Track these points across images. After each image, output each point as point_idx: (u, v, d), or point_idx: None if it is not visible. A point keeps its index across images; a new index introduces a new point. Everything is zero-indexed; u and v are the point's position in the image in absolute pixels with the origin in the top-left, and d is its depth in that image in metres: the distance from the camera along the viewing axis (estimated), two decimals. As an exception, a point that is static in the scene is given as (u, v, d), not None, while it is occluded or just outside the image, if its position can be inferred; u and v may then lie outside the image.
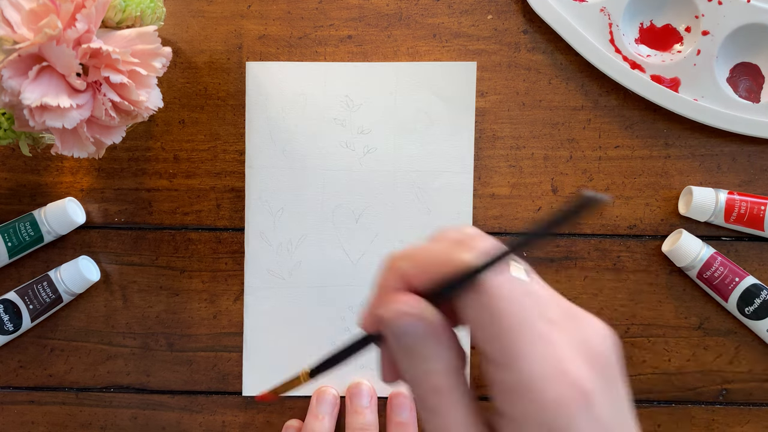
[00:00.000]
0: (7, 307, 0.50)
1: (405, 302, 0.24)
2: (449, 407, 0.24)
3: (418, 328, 0.24)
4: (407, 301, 0.25)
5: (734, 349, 0.50)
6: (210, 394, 0.52)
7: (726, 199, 0.48)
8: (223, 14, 0.51)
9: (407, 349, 0.25)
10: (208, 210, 0.51)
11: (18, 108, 0.37)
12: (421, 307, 0.24)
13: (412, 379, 0.25)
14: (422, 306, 0.24)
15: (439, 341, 0.25)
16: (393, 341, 0.25)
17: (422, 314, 0.24)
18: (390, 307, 0.25)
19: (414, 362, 0.25)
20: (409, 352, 0.25)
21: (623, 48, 0.49)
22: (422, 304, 0.24)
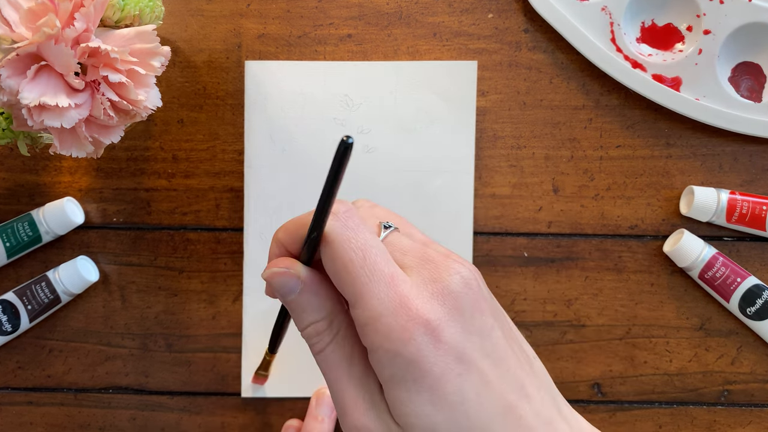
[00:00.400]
0: (6, 308, 0.49)
1: (277, 263, 0.28)
2: (331, 347, 0.28)
3: (290, 283, 0.28)
4: (279, 262, 0.28)
5: (736, 350, 0.50)
6: (209, 395, 0.51)
7: (728, 199, 0.48)
8: (222, 13, 0.51)
9: (289, 305, 0.29)
10: (207, 210, 0.51)
11: (16, 107, 0.37)
12: (290, 265, 0.28)
13: (299, 327, 0.29)
14: (291, 264, 0.28)
15: (313, 293, 0.28)
16: (279, 297, 0.29)
17: (291, 272, 0.28)
18: (267, 270, 0.29)
19: (296, 314, 0.29)
20: (291, 306, 0.29)
21: (624, 47, 0.49)
22: (292, 263, 0.28)
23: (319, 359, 0.28)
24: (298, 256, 0.29)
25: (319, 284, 0.28)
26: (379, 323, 0.25)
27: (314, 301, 0.28)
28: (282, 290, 0.28)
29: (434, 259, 0.28)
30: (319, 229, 0.27)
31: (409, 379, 0.25)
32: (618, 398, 0.51)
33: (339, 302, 0.29)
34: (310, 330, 0.28)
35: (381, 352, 0.26)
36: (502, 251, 0.51)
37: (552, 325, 0.51)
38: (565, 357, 0.51)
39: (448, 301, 0.26)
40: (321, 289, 0.28)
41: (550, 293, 0.51)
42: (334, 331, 0.28)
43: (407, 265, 0.28)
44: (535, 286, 0.51)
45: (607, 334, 0.50)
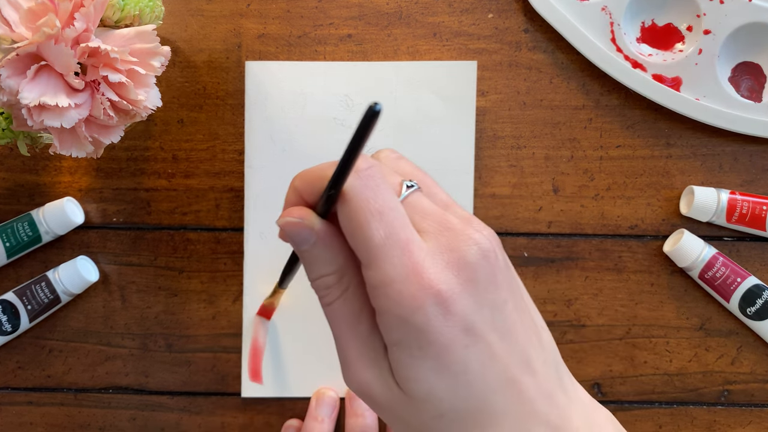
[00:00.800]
0: (6, 308, 0.49)
1: (292, 212, 0.28)
2: (339, 302, 0.28)
3: (304, 234, 0.28)
4: (294, 211, 0.28)
5: (736, 350, 0.50)
6: (209, 395, 0.51)
7: (728, 199, 0.48)
8: (222, 13, 0.51)
9: (301, 254, 0.28)
10: (207, 210, 0.51)
11: (16, 107, 0.37)
12: (305, 215, 0.28)
13: (310, 278, 0.29)
14: (306, 215, 0.28)
15: (326, 246, 0.28)
16: (293, 246, 0.29)
17: (306, 222, 0.28)
18: (281, 218, 0.28)
19: (307, 264, 0.28)
20: (303, 255, 0.28)
21: (624, 47, 0.49)
22: (307, 214, 0.28)
23: (327, 312, 0.28)
24: (313, 206, 0.28)
25: (333, 237, 0.28)
26: (390, 288, 0.25)
27: (326, 254, 0.28)
28: (295, 240, 0.28)
29: (454, 226, 0.27)
30: (337, 187, 0.26)
31: (415, 346, 0.25)
32: (618, 398, 0.51)
33: (351, 258, 0.28)
34: (320, 282, 0.28)
35: (389, 316, 0.26)
36: (502, 251, 0.51)
37: (552, 325, 0.51)
38: (565, 357, 0.51)
39: (463, 272, 0.26)
40: (334, 242, 0.28)
41: (550, 293, 0.51)
42: (344, 286, 0.28)
43: (425, 230, 0.27)
44: (535, 286, 0.51)
45: (607, 334, 0.50)
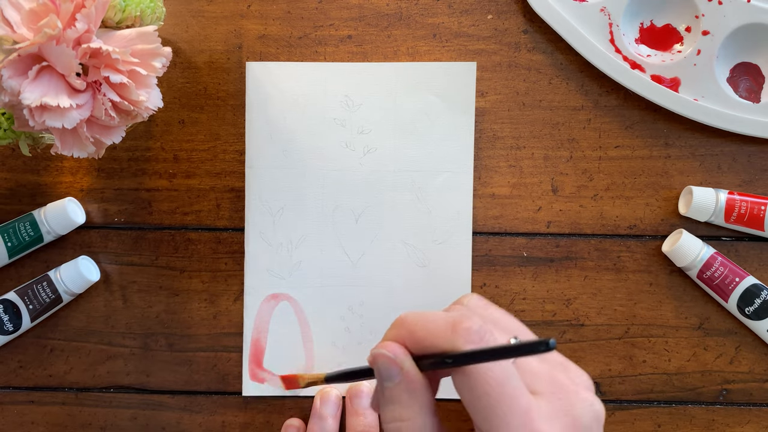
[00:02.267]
0: (7, 307, 0.49)
1: (389, 348, 0.28)
2: None
3: (394, 372, 0.28)
4: (392, 348, 0.29)
5: (734, 349, 0.50)
6: (210, 395, 0.51)
7: (726, 199, 0.48)
8: (223, 14, 0.51)
9: (384, 390, 0.29)
10: (207, 210, 0.51)
11: (18, 108, 0.37)
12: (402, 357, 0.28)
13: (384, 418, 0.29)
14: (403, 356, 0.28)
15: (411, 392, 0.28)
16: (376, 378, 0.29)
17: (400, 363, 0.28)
18: (379, 348, 0.29)
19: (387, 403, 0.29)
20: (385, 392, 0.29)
21: (623, 48, 0.49)
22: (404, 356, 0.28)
23: None
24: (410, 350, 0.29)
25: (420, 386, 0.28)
26: None
27: (407, 398, 0.28)
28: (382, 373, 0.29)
29: (565, 386, 0.29)
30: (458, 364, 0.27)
31: None
32: (617, 397, 0.51)
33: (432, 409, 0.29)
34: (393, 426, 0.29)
35: None
36: (501, 251, 0.51)
37: (551, 325, 0.51)
38: (564, 356, 0.51)
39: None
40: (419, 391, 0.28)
41: (549, 293, 0.51)
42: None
43: (538, 391, 0.28)
44: (534, 285, 0.51)
45: (606, 334, 0.51)
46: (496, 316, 0.32)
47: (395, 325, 0.30)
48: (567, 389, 0.28)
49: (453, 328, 0.27)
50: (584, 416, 0.27)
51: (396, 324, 0.30)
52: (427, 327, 0.28)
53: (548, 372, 0.29)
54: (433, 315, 0.29)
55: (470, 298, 0.34)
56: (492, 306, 0.33)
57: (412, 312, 0.30)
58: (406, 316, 0.30)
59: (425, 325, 0.29)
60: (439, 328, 0.28)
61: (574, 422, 0.27)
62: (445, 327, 0.28)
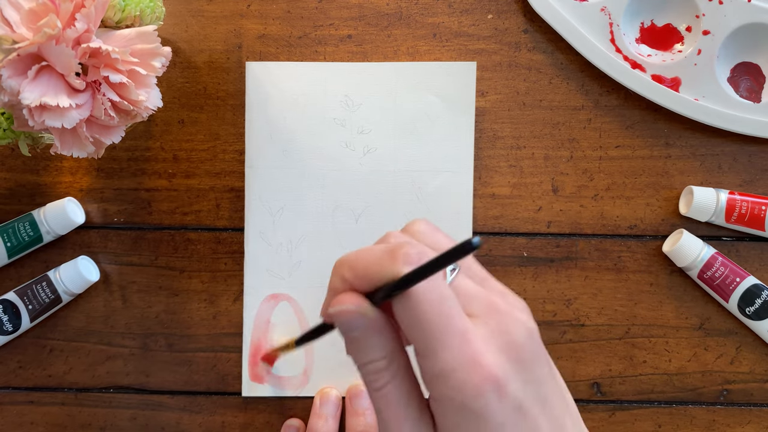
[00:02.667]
0: (7, 308, 0.49)
1: (344, 300, 0.29)
2: (390, 388, 0.29)
3: (359, 322, 0.28)
4: (346, 298, 0.29)
5: (735, 349, 0.50)
6: (209, 395, 0.51)
7: (727, 199, 0.48)
8: (223, 14, 0.51)
9: (351, 341, 0.29)
10: (207, 210, 0.51)
11: (17, 108, 0.37)
12: (359, 304, 0.28)
13: (357, 363, 0.29)
14: (360, 303, 0.29)
15: (377, 332, 0.29)
16: (341, 333, 0.29)
17: (361, 311, 0.28)
18: (335, 306, 0.29)
19: (358, 351, 0.29)
20: (353, 342, 0.29)
21: (624, 47, 0.49)
22: (360, 302, 0.29)
23: (376, 396, 0.29)
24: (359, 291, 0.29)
25: (384, 324, 0.29)
26: (451, 377, 0.27)
27: (377, 340, 0.29)
28: (347, 327, 0.29)
29: (500, 307, 0.29)
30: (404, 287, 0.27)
31: (472, 428, 0.27)
32: (617, 398, 0.51)
33: (399, 341, 0.29)
34: (370, 367, 0.29)
35: (448, 402, 0.27)
36: (501, 251, 0.51)
37: (551, 325, 0.51)
38: (565, 356, 0.51)
39: (513, 353, 0.28)
40: (385, 328, 0.29)
41: (549, 293, 0.51)
42: (393, 371, 0.29)
43: (474, 314, 0.29)
44: (535, 285, 0.51)
45: (607, 334, 0.51)
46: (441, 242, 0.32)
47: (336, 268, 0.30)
48: (501, 311, 0.29)
49: (391, 255, 0.28)
50: (518, 334, 0.28)
51: (336, 267, 0.30)
52: (368, 260, 0.29)
53: (485, 296, 0.30)
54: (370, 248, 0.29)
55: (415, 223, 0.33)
56: (440, 232, 0.33)
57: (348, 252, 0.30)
58: (345, 257, 0.30)
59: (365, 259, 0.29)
60: (377, 259, 0.28)
61: (509, 341, 0.28)
62: (382, 256, 0.28)
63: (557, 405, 0.29)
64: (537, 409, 0.28)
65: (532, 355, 0.28)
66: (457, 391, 0.26)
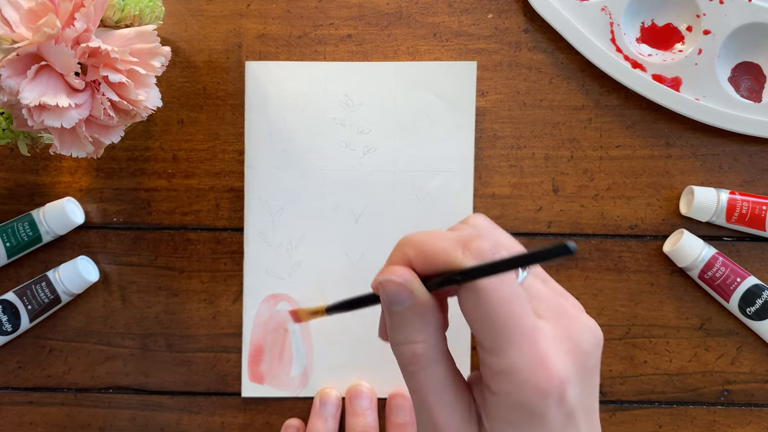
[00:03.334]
0: (6, 308, 0.49)
1: (398, 273, 0.28)
2: (426, 374, 0.28)
3: (403, 296, 0.28)
4: (400, 272, 0.28)
5: (736, 349, 0.50)
6: (209, 395, 0.51)
7: (727, 199, 0.48)
8: (223, 13, 0.51)
9: (392, 315, 0.28)
10: (207, 210, 0.51)
11: (16, 107, 0.37)
12: (412, 281, 0.28)
13: (394, 341, 0.29)
14: (412, 280, 0.28)
15: (422, 315, 0.28)
16: (383, 305, 0.29)
17: (410, 287, 0.28)
18: (385, 274, 0.28)
19: (397, 328, 0.28)
20: (394, 317, 0.28)
21: (624, 47, 0.49)
22: (413, 279, 0.28)
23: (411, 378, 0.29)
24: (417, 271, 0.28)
25: (429, 309, 0.28)
26: (516, 376, 0.26)
27: (418, 321, 0.28)
28: (391, 299, 0.28)
29: (568, 312, 0.29)
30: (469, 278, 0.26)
31: (525, 426, 0.27)
32: (618, 398, 0.51)
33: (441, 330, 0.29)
34: (406, 348, 0.29)
35: (505, 398, 0.27)
36: (502, 251, 0.51)
37: (552, 325, 0.51)
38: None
39: (579, 359, 0.28)
40: (429, 313, 0.28)
41: (550, 293, 0.51)
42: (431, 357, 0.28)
43: (543, 316, 0.29)
44: (535, 286, 0.51)
45: (607, 334, 0.50)
46: (504, 240, 0.31)
47: (400, 245, 0.29)
48: (570, 314, 0.29)
49: (465, 247, 0.27)
50: (586, 341, 0.28)
51: (401, 244, 0.29)
52: (437, 246, 0.28)
53: (553, 298, 0.30)
54: (441, 233, 0.28)
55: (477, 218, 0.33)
56: (499, 228, 0.32)
57: (418, 231, 0.29)
58: (411, 236, 0.29)
59: (434, 243, 0.28)
60: (449, 247, 0.27)
61: (577, 346, 0.28)
62: (455, 246, 0.27)
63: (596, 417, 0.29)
64: (583, 418, 0.28)
65: (595, 364, 0.29)
66: (520, 390, 0.26)
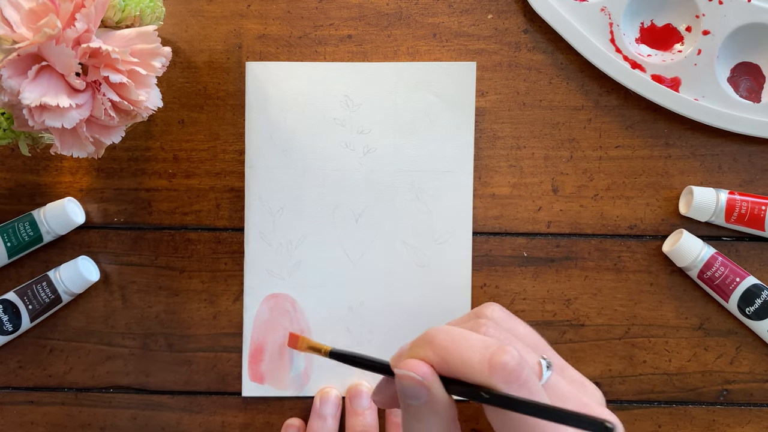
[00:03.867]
0: (7, 308, 0.49)
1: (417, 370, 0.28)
2: None
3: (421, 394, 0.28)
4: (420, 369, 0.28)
5: (735, 349, 0.50)
6: (209, 395, 0.51)
7: (727, 199, 0.48)
8: (223, 14, 0.51)
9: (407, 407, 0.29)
10: (207, 210, 0.51)
11: (17, 108, 0.37)
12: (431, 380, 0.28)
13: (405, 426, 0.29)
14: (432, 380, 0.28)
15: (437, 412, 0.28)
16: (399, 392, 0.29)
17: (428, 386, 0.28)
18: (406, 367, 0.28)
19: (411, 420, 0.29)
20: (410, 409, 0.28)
21: (624, 48, 0.49)
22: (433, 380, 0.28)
23: None
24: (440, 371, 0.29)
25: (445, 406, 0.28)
26: None
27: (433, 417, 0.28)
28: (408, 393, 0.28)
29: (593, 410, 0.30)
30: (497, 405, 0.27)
31: None
32: (617, 398, 0.51)
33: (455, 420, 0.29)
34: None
35: None
36: (501, 251, 0.51)
37: (551, 325, 0.51)
38: (565, 356, 0.51)
39: None
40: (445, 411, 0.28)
41: (549, 293, 0.51)
42: None
43: None
44: (535, 285, 0.51)
45: (607, 334, 0.51)
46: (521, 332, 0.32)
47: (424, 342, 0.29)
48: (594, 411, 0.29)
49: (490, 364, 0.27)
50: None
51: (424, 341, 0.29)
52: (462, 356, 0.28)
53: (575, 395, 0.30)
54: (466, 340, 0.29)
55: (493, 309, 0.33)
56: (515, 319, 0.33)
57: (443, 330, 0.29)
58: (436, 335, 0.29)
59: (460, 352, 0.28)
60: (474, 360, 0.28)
61: None
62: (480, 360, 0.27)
63: None
64: None
65: None
66: None
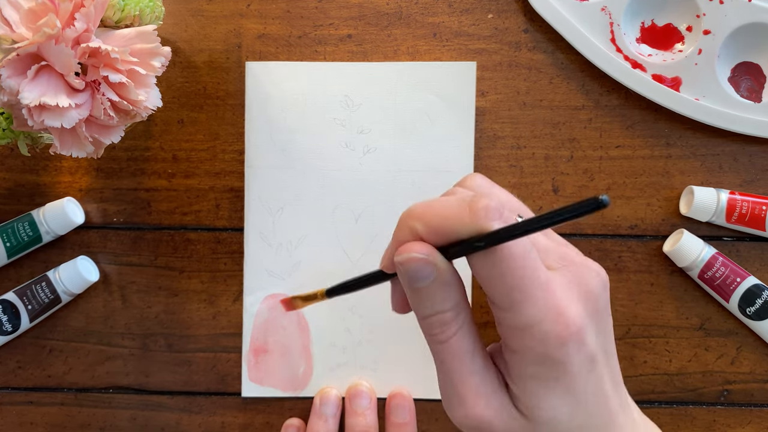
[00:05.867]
0: (6, 308, 0.49)
1: (418, 249, 0.28)
2: (456, 340, 0.29)
3: (427, 271, 0.28)
4: (420, 248, 0.28)
5: (735, 349, 0.50)
6: (209, 395, 0.51)
7: (727, 199, 0.48)
8: (223, 13, 0.51)
9: (417, 290, 0.28)
10: (207, 210, 0.51)
11: (17, 107, 0.37)
12: (434, 254, 0.28)
13: (422, 315, 0.29)
14: (434, 254, 0.28)
15: (445, 284, 0.28)
16: (405, 282, 0.29)
17: (433, 261, 0.28)
18: (404, 253, 0.28)
19: (423, 301, 0.29)
20: (419, 292, 0.28)
21: (624, 47, 0.49)
22: (434, 253, 0.28)
23: (440, 349, 0.29)
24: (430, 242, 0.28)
25: (452, 276, 0.29)
26: (536, 329, 0.27)
27: (444, 291, 0.28)
28: (414, 276, 0.28)
29: (574, 259, 0.30)
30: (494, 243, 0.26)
31: (551, 378, 0.27)
32: (618, 398, 0.51)
33: (464, 294, 0.29)
34: (435, 319, 0.29)
35: (528, 353, 0.27)
36: (501, 251, 0.51)
37: (552, 325, 0.51)
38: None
39: (590, 303, 0.28)
40: (453, 280, 0.29)
41: (549, 293, 0.51)
42: (460, 323, 0.29)
43: (551, 266, 0.29)
44: (535, 286, 0.51)
45: (607, 334, 0.50)
46: (503, 197, 0.32)
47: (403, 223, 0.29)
48: (575, 262, 0.29)
49: (470, 209, 0.26)
50: (595, 285, 0.29)
51: (405, 219, 0.29)
52: (442, 214, 0.27)
53: (557, 247, 0.30)
54: (441, 201, 0.28)
55: (473, 177, 0.32)
56: (496, 186, 0.32)
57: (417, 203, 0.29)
58: (412, 210, 0.28)
59: (438, 212, 0.27)
60: (454, 213, 0.27)
61: (587, 291, 0.28)
62: (460, 210, 0.27)
63: (615, 360, 0.30)
64: (603, 360, 0.29)
65: (605, 305, 0.29)
66: (541, 342, 0.27)
